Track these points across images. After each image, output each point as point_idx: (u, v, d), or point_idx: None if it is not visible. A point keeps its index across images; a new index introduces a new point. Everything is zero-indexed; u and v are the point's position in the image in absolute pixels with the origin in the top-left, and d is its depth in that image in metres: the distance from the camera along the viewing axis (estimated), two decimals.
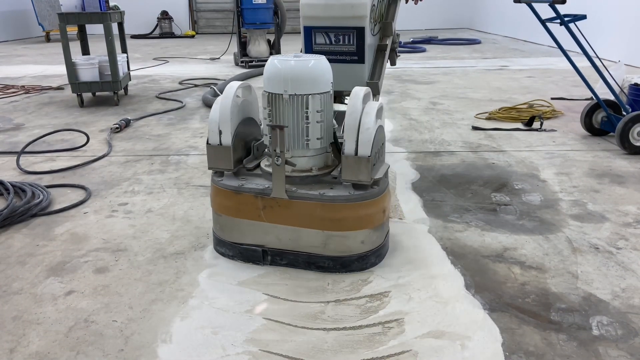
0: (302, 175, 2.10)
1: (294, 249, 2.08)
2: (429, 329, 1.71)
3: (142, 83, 6.45)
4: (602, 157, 3.44)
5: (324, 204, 1.99)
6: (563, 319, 1.76)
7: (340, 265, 2.05)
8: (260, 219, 2.08)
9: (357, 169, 1.96)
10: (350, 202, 2.00)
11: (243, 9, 7.46)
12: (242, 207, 2.09)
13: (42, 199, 2.72)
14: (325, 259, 2.05)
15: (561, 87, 5.80)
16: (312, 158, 2.13)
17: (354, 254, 2.05)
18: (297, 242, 2.06)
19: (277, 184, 2.01)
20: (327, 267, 2.06)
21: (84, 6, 4.92)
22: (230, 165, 2.12)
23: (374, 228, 2.07)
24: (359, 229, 2.03)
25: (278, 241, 2.08)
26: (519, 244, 2.28)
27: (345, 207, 2.00)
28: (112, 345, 1.65)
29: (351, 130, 1.95)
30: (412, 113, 4.71)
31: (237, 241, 2.14)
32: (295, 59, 2.04)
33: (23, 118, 4.71)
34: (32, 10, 12.48)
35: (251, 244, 2.12)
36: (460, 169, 3.24)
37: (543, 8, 3.39)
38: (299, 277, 2.03)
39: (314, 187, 2.05)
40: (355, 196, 2.00)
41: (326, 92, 2.07)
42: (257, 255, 2.12)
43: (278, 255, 2.10)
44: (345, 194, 2.00)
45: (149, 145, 3.85)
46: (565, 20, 3.37)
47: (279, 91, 2.02)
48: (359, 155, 1.95)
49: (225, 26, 14.42)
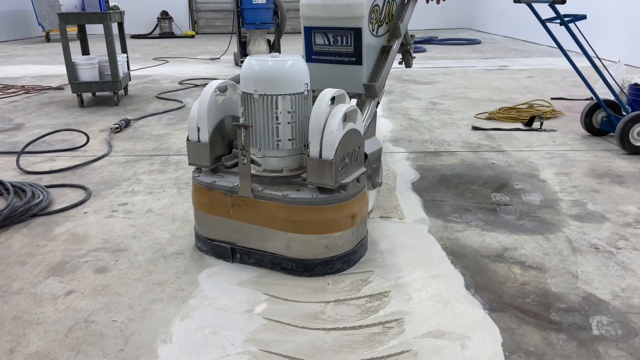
0: (272, 175, 2.09)
1: (260, 248, 2.08)
2: (429, 329, 1.71)
3: (142, 83, 6.45)
4: (602, 157, 3.44)
5: (286, 206, 1.98)
6: (563, 319, 1.76)
7: (303, 268, 2.03)
8: (230, 216, 2.08)
9: (321, 172, 1.93)
10: (312, 205, 1.97)
11: (243, 9, 7.46)
12: (214, 204, 2.10)
13: (42, 199, 2.72)
14: (288, 261, 2.04)
15: (561, 87, 5.80)
16: (284, 159, 2.11)
17: (317, 258, 2.02)
18: (263, 242, 2.06)
19: (243, 183, 2.02)
20: (290, 270, 2.04)
21: (84, 6, 4.92)
22: (208, 162, 2.14)
23: (340, 233, 2.02)
24: (322, 233, 2.00)
25: (246, 240, 2.09)
26: (519, 244, 2.28)
27: (308, 210, 1.97)
28: (112, 345, 1.65)
29: (315, 133, 1.92)
30: (412, 113, 4.71)
31: (210, 237, 2.17)
32: (271, 58, 2.03)
33: (23, 118, 4.71)
34: (32, 10, 12.48)
35: (222, 240, 2.14)
36: (460, 169, 3.24)
37: (543, 8, 3.39)
38: (299, 277, 2.04)
39: (281, 188, 2.03)
40: (318, 199, 1.96)
41: (299, 93, 2.04)
42: (227, 252, 2.13)
43: (246, 254, 2.11)
44: (308, 196, 1.97)
45: (149, 145, 3.85)
46: (565, 20, 3.37)
47: (250, 91, 2.03)
48: (322, 158, 1.92)
49: (225, 26, 14.41)
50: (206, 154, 2.13)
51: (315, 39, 2.53)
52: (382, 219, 2.54)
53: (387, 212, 2.62)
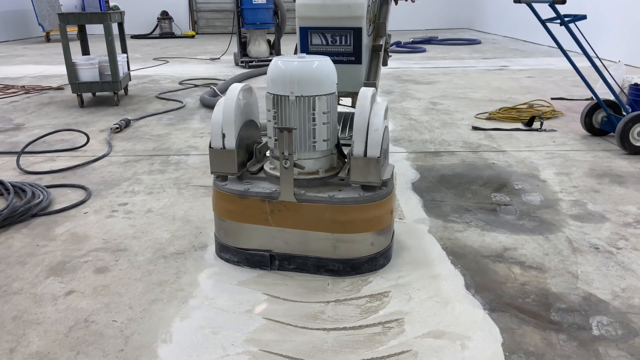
0: (309, 177, 2.06)
1: (302, 252, 2.04)
2: (429, 329, 1.71)
3: (142, 83, 6.45)
4: (602, 157, 3.44)
5: (333, 207, 1.97)
6: (563, 319, 1.76)
7: (350, 268, 2.04)
8: (268, 223, 2.04)
9: (367, 171, 1.95)
10: (359, 204, 1.98)
11: (243, 9, 7.46)
12: (248, 212, 2.05)
13: (42, 199, 2.73)
14: (335, 262, 2.03)
15: (561, 87, 5.80)
16: (319, 160, 2.10)
17: (363, 257, 2.03)
18: (306, 245, 2.03)
19: (286, 187, 1.98)
20: (337, 270, 2.04)
21: (84, 6, 4.92)
22: (235, 169, 2.08)
23: (382, 229, 2.05)
24: (368, 231, 2.02)
25: (286, 245, 2.05)
26: (519, 244, 2.28)
27: (355, 209, 1.98)
28: (112, 345, 1.65)
29: (360, 132, 1.94)
30: (412, 113, 4.71)
31: (242, 247, 2.10)
32: (300, 59, 2.01)
33: (23, 118, 4.71)
34: (32, 10, 12.48)
35: (258, 249, 2.08)
36: (460, 169, 3.24)
37: (543, 8, 3.39)
38: (299, 277, 2.04)
39: (322, 190, 2.02)
40: (364, 198, 1.98)
41: (332, 93, 2.05)
42: (265, 260, 2.07)
43: (286, 259, 2.07)
44: (355, 195, 1.98)
45: (149, 145, 3.85)
46: (565, 20, 3.37)
47: (285, 93, 1.98)
48: (368, 156, 1.93)
49: (225, 26, 14.42)
50: (233, 161, 2.07)
51: (312, 39, 2.47)
52: None
53: None
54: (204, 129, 4.28)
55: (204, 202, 2.77)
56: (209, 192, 2.92)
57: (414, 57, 8.88)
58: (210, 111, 4.92)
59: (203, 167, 3.34)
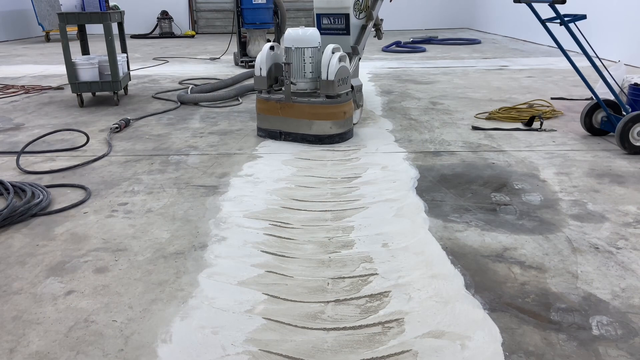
0: (300, 91, 3.84)
1: (295, 131, 3.81)
2: (429, 329, 1.71)
3: (142, 83, 6.45)
4: (602, 157, 3.44)
5: (310, 105, 3.72)
6: (563, 319, 1.76)
7: (318, 140, 3.76)
8: (279, 114, 3.81)
9: (327, 87, 3.67)
10: (323, 105, 3.70)
11: (243, 9, 7.46)
12: (270, 108, 3.84)
13: (42, 199, 2.72)
14: (311, 137, 3.77)
15: (561, 87, 5.80)
16: (307, 83, 3.84)
17: (325, 134, 3.76)
18: (297, 127, 3.79)
19: (287, 95, 3.75)
20: (311, 141, 3.77)
21: (84, 6, 4.92)
22: (265, 86, 3.88)
23: (337, 121, 3.76)
24: (328, 120, 3.73)
25: (287, 127, 3.83)
26: (519, 243, 2.28)
27: (320, 107, 3.71)
28: (112, 345, 1.65)
29: (325, 66, 3.64)
30: (412, 113, 4.71)
31: (267, 128, 3.93)
32: (300, 29, 3.77)
33: (23, 118, 4.71)
34: (32, 10, 12.48)
35: (274, 129, 3.89)
36: (460, 169, 3.24)
37: (543, 8, 3.39)
38: (299, 277, 2.04)
39: (306, 97, 3.76)
40: (326, 101, 3.70)
41: (315, 47, 3.79)
42: (277, 134, 3.88)
43: (287, 135, 3.84)
44: (321, 100, 3.71)
45: (149, 145, 3.85)
46: (565, 20, 3.37)
47: (290, 46, 3.76)
48: (328, 79, 3.64)
49: (225, 26, 14.42)
50: (264, 82, 3.88)
51: (322, 20, 4.26)
52: None
53: None
54: (204, 128, 4.28)
55: (203, 202, 2.77)
56: (209, 192, 2.92)
57: (413, 56, 8.88)
58: (209, 111, 4.92)
59: (203, 167, 3.34)
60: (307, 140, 3.76)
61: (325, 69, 3.63)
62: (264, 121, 3.90)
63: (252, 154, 3.61)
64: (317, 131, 3.72)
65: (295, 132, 3.79)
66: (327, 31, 4.22)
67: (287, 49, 3.77)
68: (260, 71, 3.83)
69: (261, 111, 3.89)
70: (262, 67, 3.82)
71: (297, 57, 3.75)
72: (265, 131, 3.92)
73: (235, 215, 2.60)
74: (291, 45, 3.75)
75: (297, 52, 3.74)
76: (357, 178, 3.10)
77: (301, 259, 2.18)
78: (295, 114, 3.73)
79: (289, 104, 3.72)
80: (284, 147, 3.73)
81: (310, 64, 3.77)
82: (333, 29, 4.20)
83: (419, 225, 2.48)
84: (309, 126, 3.73)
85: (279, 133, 3.83)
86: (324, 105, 3.68)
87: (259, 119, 3.94)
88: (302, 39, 3.74)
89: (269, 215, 2.61)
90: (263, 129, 3.93)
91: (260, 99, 3.87)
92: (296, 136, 3.79)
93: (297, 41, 3.74)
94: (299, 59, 3.75)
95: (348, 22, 4.10)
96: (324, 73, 3.64)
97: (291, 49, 3.75)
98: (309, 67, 3.78)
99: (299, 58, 3.75)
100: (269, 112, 3.82)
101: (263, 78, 3.84)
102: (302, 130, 3.76)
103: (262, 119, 3.91)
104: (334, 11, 4.14)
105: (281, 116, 3.77)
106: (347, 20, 4.11)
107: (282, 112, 3.75)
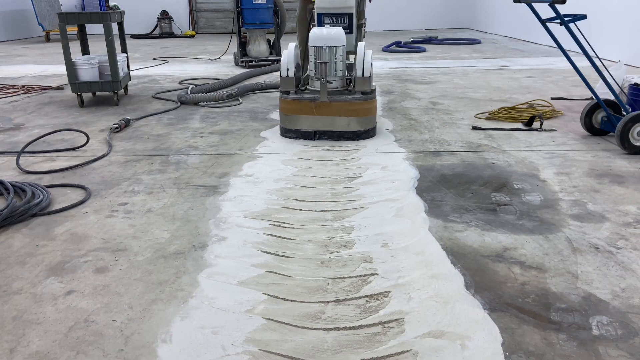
0: (332, 89, 3.89)
1: (331, 129, 3.85)
2: (429, 328, 1.71)
3: (142, 83, 6.45)
4: (602, 157, 3.44)
5: (348, 102, 3.79)
6: (563, 318, 1.76)
7: (356, 136, 3.84)
8: (313, 113, 3.82)
9: (364, 84, 3.81)
10: (360, 101, 3.80)
11: (243, 9, 7.45)
12: (304, 108, 3.82)
13: (42, 199, 2.72)
14: (348, 133, 3.84)
15: (561, 87, 5.80)
16: (338, 81, 3.95)
17: (361, 130, 3.85)
18: (333, 125, 3.84)
19: (323, 93, 3.77)
20: (348, 138, 3.84)
21: (84, 6, 4.92)
22: (293, 87, 3.87)
23: (371, 116, 3.89)
24: (364, 116, 3.83)
25: (322, 125, 3.84)
26: (519, 243, 2.28)
27: (358, 104, 3.81)
28: (112, 345, 1.65)
29: (360, 63, 3.79)
30: (412, 113, 4.71)
31: (299, 128, 3.88)
32: (325, 29, 3.86)
33: (23, 118, 4.71)
34: (32, 10, 12.47)
35: (308, 129, 3.86)
36: (460, 169, 3.24)
37: (543, 8, 3.39)
38: (299, 277, 2.04)
39: (340, 95, 3.83)
40: (363, 98, 3.81)
41: (343, 45, 3.90)
42: (311, 134, 3.86)
43: (322, 134, 3.86)
44: (358, 97, 3.80)
45: (149, 145, 3.85)
46: (565, 20, 3.37)
47: (321, 45, 3.81)
48: (364, 76, 3.79)
49: (225, 26, 14.41)
50: (293, 83, 3.86)
51: (324, 20, 4.23)
52: None
53: None
54: (204, 128, 4.28)
55: (203, 202, 2.77)
56: (209, 192, 2.92)
57: (413, 56, 8.88)
58: (209, 111, 4.92)
59: (203, 166, 3.34)
60: (344, 137, 3.81)
61: (361, 66, 3.75)
62: (294, 122, 3.85)
63: (252, 154, 3.61)
64: (355, 127, 3.80)
65: (331, 130, 3.81)
66: None
67: (318, 49, 3.80)
68: (287, 72, 3.80)
69: (290, 112, 3.84)
70: (289, 67, 3.79)
71: (330, 56, 3.80)
72: (296, 132, 3.86)
73: (235, 215, 2.60)
74: (322, 45, 3.78)
75: (330, 50, 3.79)
76: (357, 178, 3.10)
77: (301, 259, 2.18)
78: (332, 112, 3.76)
79: (324, 102, 3.74)
80: (283, 147, 3.73)
81: (341, 62, 3.87)
82: None
83: (419, 225, 2.48)
84: (346, 123, 3.78)
85: (314, 132, 3.83)
86: (362, 101, 3.77)
87: (286, 121, 3.88)
88: (333, 37, 3.79)
89: (269, 215, 2.61)
90: (293, 130, 3.87)
91: (287, 100, 3.82)
92: (332, 134, 3.82)
93: (329, 40, 3.77)
94: (331, 58, 3.81)
95: (352, 21, 4.19)
96: (359, 70, 3.75)
97: (322, 48, 3.79)
98: (340, 65, 3.87)
99: (331, 57, 3.80)
100: (301, 112, 3.79)
101: (291, 79, 3.81)
102: (339, 128, 3.80)
103: (292, 120, 3.86)
104: (339, 11, 4.19)
105: (315, 115, 3.77)
106: (350, 19, 4.20)
107: (317, 111, 3.75)
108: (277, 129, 4.19)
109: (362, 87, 3.78)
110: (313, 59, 3.83)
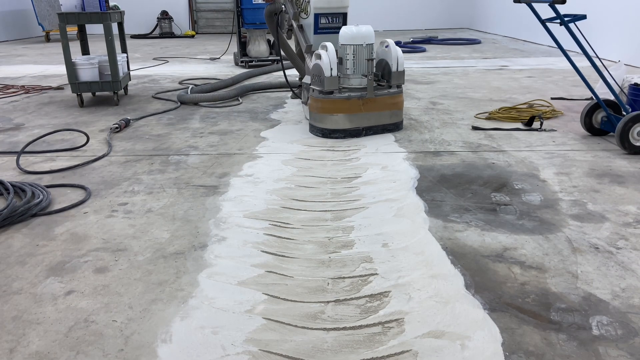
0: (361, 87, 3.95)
1: (377, 123, 3.99)
2: (429, 328, 1.71)
3: (142, 83, 6.45)
4: (602, 157, 3.44)
5: (390, 96, 4.01)
6: (563, 319, 1.76)
7: (396, 127, 4.09)
8: (361, 110, 3.90)
9: (399, 77, 4.02)
10: (399, 94, 4.06)
11: (243, 9, 7.46)
12: (351, 107, 3.87)
13: (42, 199, 2.72)
14: (390, 125, 4.05)
15: (561, 87, 5.80)
16: None
17: (399, 121, 4.11)
18: (379, 119, 3.99)
19: (370, 90, 3.88)
20: (390, 129, 4.05)
21: (84, 6, 4.92)
22: (337, 86, 3.89)
23: (403, 107, 4.14)
24: (400, 109, 4.09)
25: (368, 121, 3.96)
26: (519, 243, 2.28)
27: (398, 97, 4.05)
28: (112, 345, 1.65)
29: (394, 58, 3.99)
30: (412, 113, 4.71)
31: (346, 127, 3.91)
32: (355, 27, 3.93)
33: (23, 118, 4.71)
34: (32, 10, 12.47)
35: (356, 127, 3.93)
36: (460, 169, 3.24)
37: (543, 8, 3.39)
38: (299, 277, 2.04)
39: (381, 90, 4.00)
40: (399, 91, 4.05)
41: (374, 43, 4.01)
42: (359, 131, 3.94)
43: (369, 129, 3.97)
44: (396, 90, 4.04)
45: (149, 145, 3.85)
46: (565, 20, 3.37)
47: (360, 43, 3.91)
48: (399, 70, 4.01)
49: (225, 26, 14.41)
50: (337, 82, 3.87)
51: (321, 20, 4.33)
52: None
53: None
54: (204, 128, 4.28)
55: (203, 202, 2.77)
56: (209, 192, 2.92)
57: (413, 56, 8.88)
58: (209, 111, 4.92)
59: (203, 167, 3.34)
60: (387, 130, 4.00)
61: (395, 61, 3.95)
62: (338, 122, 3.86)
63: (252, 154, 3.61)
64: (395, 119, 4.03)
65: (377, 124, 3.95)
66: (325, 30, 4.35)
67: (358, 47, 3.88)
68: (331, 71, 3.80)
69: (333, 112, 3.84)
70: (332, 67, 3.80)
71: (368, 53, 3.92)
72: (343, 132, 3.89)
73: (235, 215, 2.60)
74: (362, 42, 3.89)
75: (368, 48, 3.91)
76: (357, 178, 3.10)
77: (301, 259, 2.18)
78: (378, 107, 3.91)
79: (372, 98, 3.86)
80: (283, 147, 3.73)
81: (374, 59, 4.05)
82: (331, 27, 4.37)
83: (419, 225, 2.48)
84: (389, 116, 3.97)
85: (361, 129, 3.91)
86: (399, 94, 4.02)
87: (327, 122, 3.88)
88: (367, 35, 3.90)
89: (269, 215, 2.61)
90: (340, 130, 3.88)
91: (332, 100, 3.83)
92: (377, 128, 3.96)
93: (365, 38, 3.88)
94: (369, 55, 3.93)
95: (345, 20, 4.35)
96: (394, 65, 3.95)
97: (362, 46, 3.89)
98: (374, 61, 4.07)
99: (369, 54, 3.93)
100: (347, 110, 3.84)
101: (334, 78, 3.81)
102: (384, 122, 3.97)
103: (335, 120, 3.86)
104: (334, 10, 4.30)
105: (363, 112, 3.86)
106: (344, 18, 4.35)
107: (364, 108, 3.85)
108: (277, 129, 4.19)
109: (398, 81, 3.97)
110: (352, 57, 3.93)
